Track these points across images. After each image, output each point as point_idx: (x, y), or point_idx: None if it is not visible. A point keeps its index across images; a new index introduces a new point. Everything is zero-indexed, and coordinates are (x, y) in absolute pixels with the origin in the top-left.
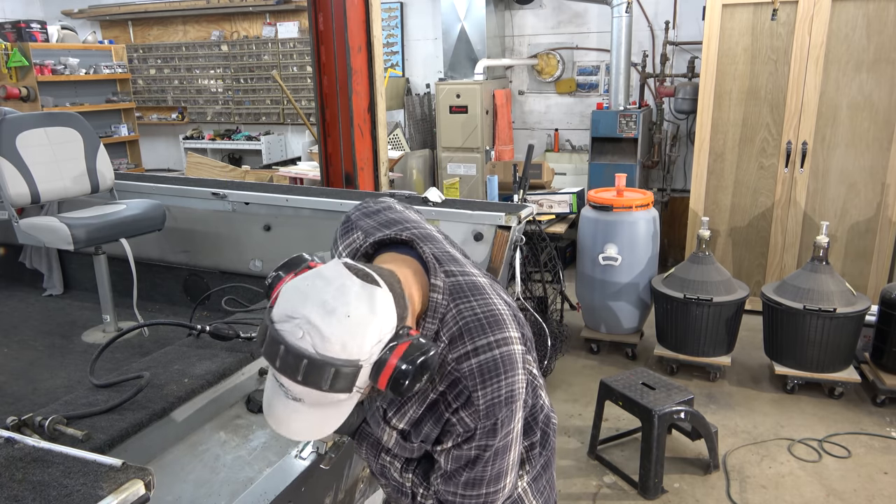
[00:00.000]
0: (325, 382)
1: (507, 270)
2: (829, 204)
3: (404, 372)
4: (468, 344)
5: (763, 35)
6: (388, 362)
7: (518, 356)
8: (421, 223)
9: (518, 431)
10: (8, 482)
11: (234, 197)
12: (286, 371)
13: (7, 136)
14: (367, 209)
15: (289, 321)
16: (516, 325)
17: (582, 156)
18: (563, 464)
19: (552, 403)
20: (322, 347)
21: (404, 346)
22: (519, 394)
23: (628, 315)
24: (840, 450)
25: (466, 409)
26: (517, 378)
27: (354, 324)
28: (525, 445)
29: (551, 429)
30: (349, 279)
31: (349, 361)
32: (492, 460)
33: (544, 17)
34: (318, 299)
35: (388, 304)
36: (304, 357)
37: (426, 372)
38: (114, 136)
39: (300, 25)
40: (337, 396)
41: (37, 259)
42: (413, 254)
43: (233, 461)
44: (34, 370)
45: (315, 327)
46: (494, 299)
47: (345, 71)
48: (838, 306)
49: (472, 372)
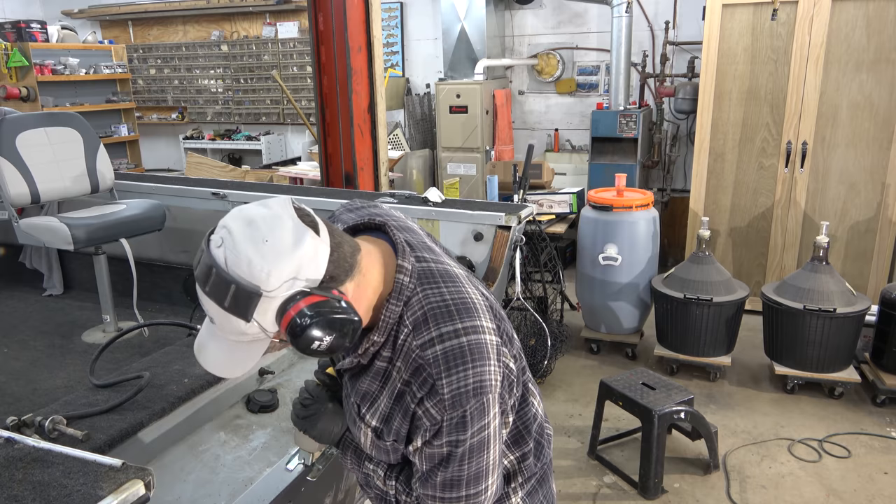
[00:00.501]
0: (227, 298)
1: (507, 270)
2: (829, 204)
3: (303, 322)
4: (433, 330)
5: (763, 35)
6: (294, 305)
7: (490, 346)
8: (403, 220)
9: (496, 428)
10: (8, 482)
11: (234, 197)
12: (200, 278)
13: (7, 136)
14: (351, 206)
15: (219, 230)
16: (491, 315)
17: (582, 156)
18: (563, 464)
19: (546, 412)
20: (232, 262)
21: (317, 298)
22: (490, 385)
23: (628, 315)
24: (840, 450)
25: (431, 399)
26: (488, 368)
27: (269, 249)
28: (517, 455)
29: (545, 439)
30: (287, 213)
31: (251, 284)
32: (467, 457)
33: (544, 17)
34: (248, 217)
35: (319, 252)
36: (213, 266)
37: (331, 332)
38: (114, 136)
39: (300, 25)
40: (238, 323)
41: (37, 259)
42: (387, 238)
43: (233, 461)
44: (34, 370)
45: (233, 239)
46: (469, 288)
47: (345, 71)
48: (838, 306)
49: (437, 358)
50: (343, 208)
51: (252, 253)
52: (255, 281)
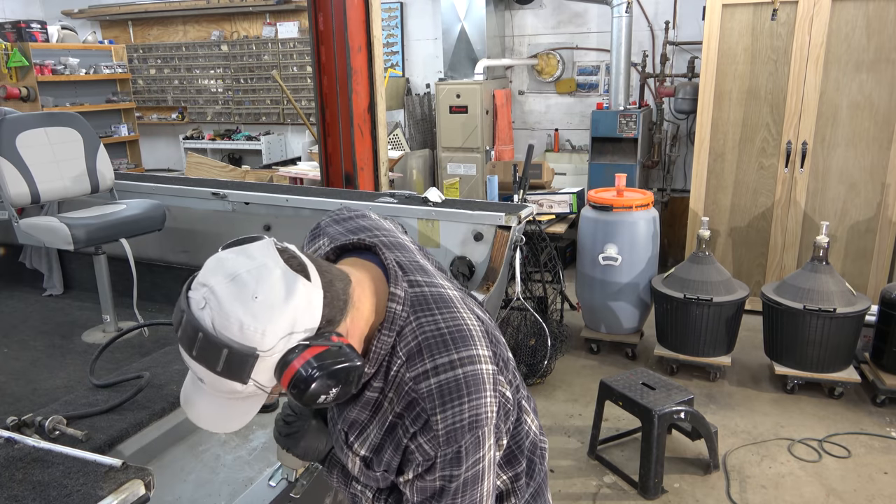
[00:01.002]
0: (219, 364)
1: (507, 270)
2: (829, 204)
3: (307, 377)
4: (427, 361)
5: (763, 35)
6: (293, 362)
7: (486, 376)
8: (394, 232)
9: (490, 460)
10: (8, 482)
11: (234, 197)
12: (184, 342)
13: (7, 136)
14: (337, 216)
15: (198, 289)
16: (487, 342)
17: (582, 156)
18: (563, 464)
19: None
20: (220, 324)
21: (318, 349)
22: (486, 418)
23: (628, 315)
24: (840, 450)
25: (425, 435)
26: (484, 401)
27: (260, 307)
28: (509, 476)
29: (538, 456)
30: (273, 261)
31: (246, 347)
32: (461, 491)
33: (544, 17)
34: (231, 272)
35: (312, 299)
36: (199, 330)
37: (337, 383)
38: (114, 136)
39: (300, 25)
40: (232, 385)
41: (37, 259)
42: (377, 261)
43: (233, 461)
44: (34, 370)
45: (218, 300)
46: (463, 313)
47: (345, 71)
48: (838, 306)
49: (431, 393)
50: (329, 219)
51: (242, 313)
52: (249, 343)
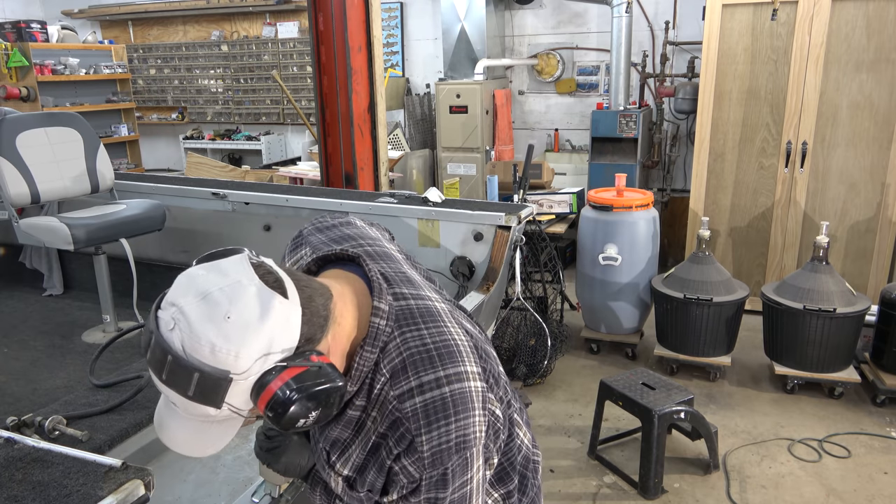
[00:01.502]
0: (190, 388)
1: (507, 270)
2: (829, 204)
3: (285, 400)
4: (412, 379)
5: (763, 35)
6: (270, 385)
7: (474, 394)
8: (380, 241)
9: (479, 481)
10: (8, 482)
11: (234, 197)
12: (153, 365)
13: (7, 136)
14: (320, 224)
15: (167, 308)
16: (476, 357)
17: (582, 156)
18: (563, 464)
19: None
20: (190, 346)
21: (296, 370)
22: (475, 439)
23: (628, 315)
24: (840, 450)
25: (409, 457)
26: (472, 420)
27: (233, 328)
28: (501, 494)
29: (531, 470)
30: (248, 278)
31: (218, 370)
32: None
33: (544, 17)
34: (202, 290)
35: (290, 317)
36: (168, 353)
37: (317, 406)
38: (114, 136)
39: (300, 25)
40: (205, 410)
41: (37, 259)
42: (361, 272)
43: (233, 461)
44: (34, 370)
45: (188, 321)
46: (451, 327)
47: (345, 71)
48: (838, 306)
49: (416, 412)
50: (312, 227)
51: (214, 335)
52: (221, 366)
